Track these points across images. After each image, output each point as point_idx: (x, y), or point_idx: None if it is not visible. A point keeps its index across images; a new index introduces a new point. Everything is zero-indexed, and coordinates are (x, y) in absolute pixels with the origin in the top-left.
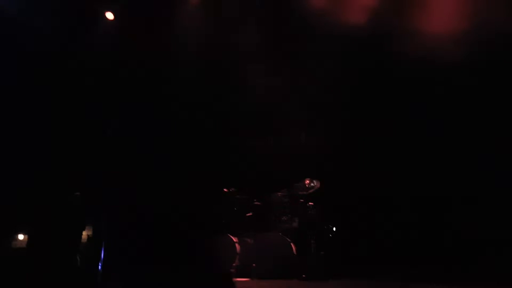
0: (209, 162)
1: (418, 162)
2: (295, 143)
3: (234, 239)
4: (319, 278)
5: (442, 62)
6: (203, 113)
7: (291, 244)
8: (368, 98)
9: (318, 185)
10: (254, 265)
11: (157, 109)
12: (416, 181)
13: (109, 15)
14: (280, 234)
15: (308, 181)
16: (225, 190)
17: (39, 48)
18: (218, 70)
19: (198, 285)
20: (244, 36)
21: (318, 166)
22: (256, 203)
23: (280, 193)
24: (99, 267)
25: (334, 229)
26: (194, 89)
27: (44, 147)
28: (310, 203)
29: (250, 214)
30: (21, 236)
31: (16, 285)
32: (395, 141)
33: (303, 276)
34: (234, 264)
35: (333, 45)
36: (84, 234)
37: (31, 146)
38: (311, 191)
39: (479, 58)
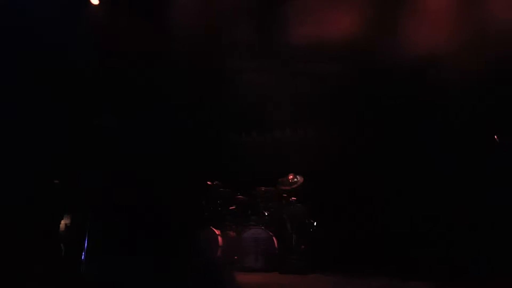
0: (193, 155)
1: (406, 159)
2: (280, 138)
3: (217, 232)
4: (299, 272)
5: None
6: (188, 106)
7: (273, 238)
8: (356, 95)
9: (302, 181)
10: (236, 258)
11: (141, 102)
12: (404, 179)
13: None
14: (263, 228)
15: (291, 176)
16: (208, 183)
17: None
18: (205, 63)
19: (180, 275)
20: (234, 30)
21: (304, 161)
22: (239, 197)
23: (263, 188)
24: (82, 256)
25: (315, 224)
26: (180, 82)
27: (24, 135)
28: (293, 198)
29: (233, 207)
30: None
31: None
32: (383, 138)
33: (284, 269)
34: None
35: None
36: (62, 223)
37: (11, 134)
38: (294, 186)
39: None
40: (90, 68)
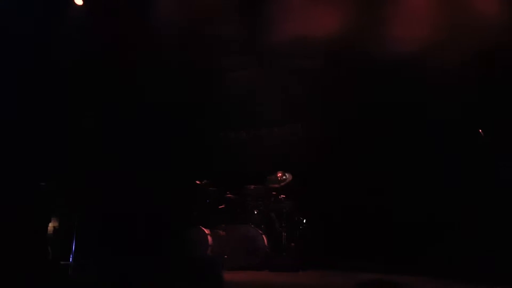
0: (181, 154)
1: (394, 154)
2: (269, 136)
3: (206, 231)
4: (290, 270)
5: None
6: (175, 105)
7: (263, 236)
8: (344, 92)
9: (290, 178)
10: (226, 256)
11: (129, 99)
12: (393, 174)
13: (78, 0)
14: (252, 226)
15: (280, 174)
16: (197, 182)
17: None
18: (192, 62)
19: (169, 274)
20: (221, 28)
21: (292, 159)
22: (228, 195)
23: (252, 186)
24: (71, 259)
25: (305, 221)
26: (167, 81)
27: (9, 135)
28: (282, 196)
29: (223, 206)
30: None
31: None
32: (371, 133)
33: (274, 267)
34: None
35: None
36: (51, 225)
37: None
38: (283, 183)
39: None
40: (76, 67)
